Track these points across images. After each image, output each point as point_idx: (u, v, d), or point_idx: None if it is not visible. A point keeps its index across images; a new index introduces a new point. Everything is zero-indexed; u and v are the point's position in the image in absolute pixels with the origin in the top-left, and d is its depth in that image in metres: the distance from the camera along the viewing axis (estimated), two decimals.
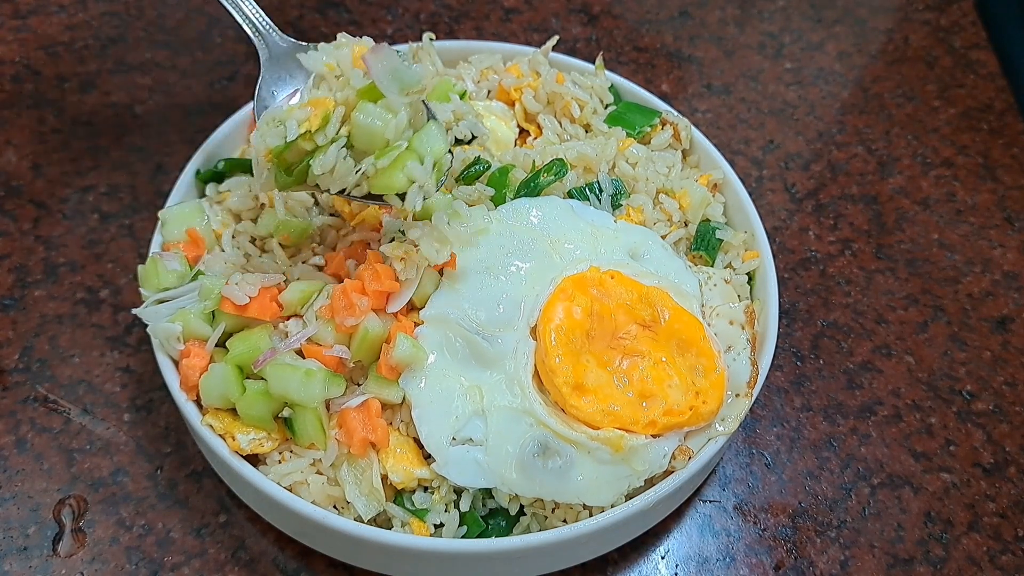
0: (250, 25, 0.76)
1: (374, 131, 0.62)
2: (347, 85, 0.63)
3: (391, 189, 0.63)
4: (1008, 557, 0.77)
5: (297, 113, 0.62)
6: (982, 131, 1.12)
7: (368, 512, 0.64)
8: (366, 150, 0.63)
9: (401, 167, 0.63)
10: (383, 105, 0.62)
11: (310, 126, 0.62)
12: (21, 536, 0.71)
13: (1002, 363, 0.90)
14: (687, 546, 0.76)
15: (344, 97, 0.63)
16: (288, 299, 0.68)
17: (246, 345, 0.66)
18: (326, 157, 0.62)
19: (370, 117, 0.62)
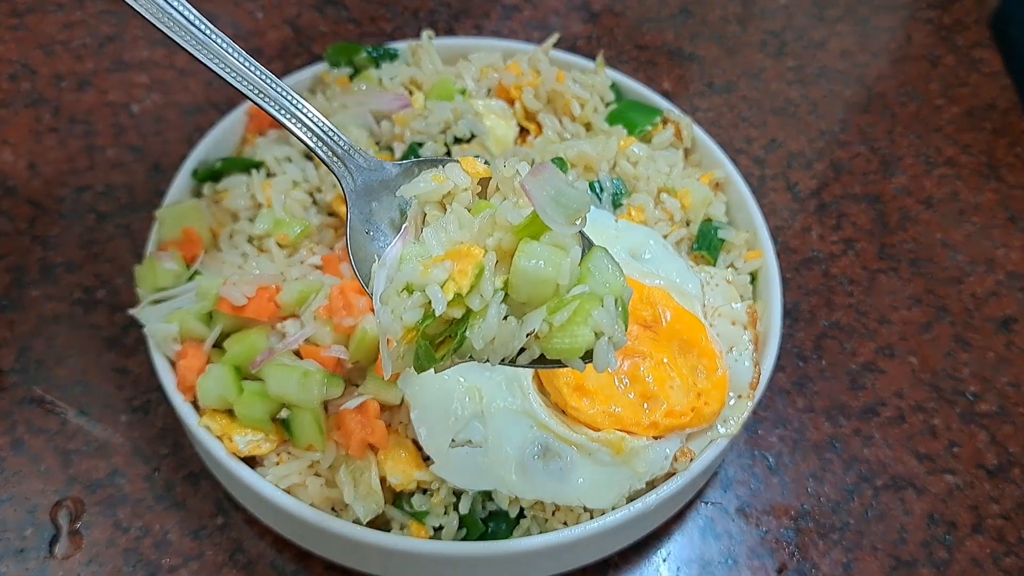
0: (325, 150, 0.57)
1: (544, 278, 0.46)
2: (493, 224, 0.48)
3: (575, 351, 0.47)
4: (1012, 559, 0.76)
5: (436, 273, 0.46)
6: (986, 130, 1.12)
7: (367, 514, 0.63)
8: (528, 302, 0.48)
9: (584, 319, 0.47)
10: (548, 241, 0.47)
11: (457, 288, 0.46)
12: (17, 538, 0.71)
13: (1006, 364, 0.89)
14: (689, 549, 0.75)
15: (494, 241, 0.48)
16: (286, 299, 0.67)
17: (243, 346, 0.66)
18: (487, 324, 0.46)
19: (538, 260, 0.46)
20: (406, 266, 0.48)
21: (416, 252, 0.49)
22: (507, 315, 0.48)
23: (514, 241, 0.48)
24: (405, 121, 0.78)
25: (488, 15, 1.20)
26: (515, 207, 0.48)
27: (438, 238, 0.49)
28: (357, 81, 0.86)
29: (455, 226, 0.49)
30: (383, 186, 0.56)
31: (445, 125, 0.78)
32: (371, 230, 0.55)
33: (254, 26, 1.14)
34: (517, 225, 0.47)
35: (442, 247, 0.49)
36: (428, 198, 0.52)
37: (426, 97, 0.84)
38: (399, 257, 0.49)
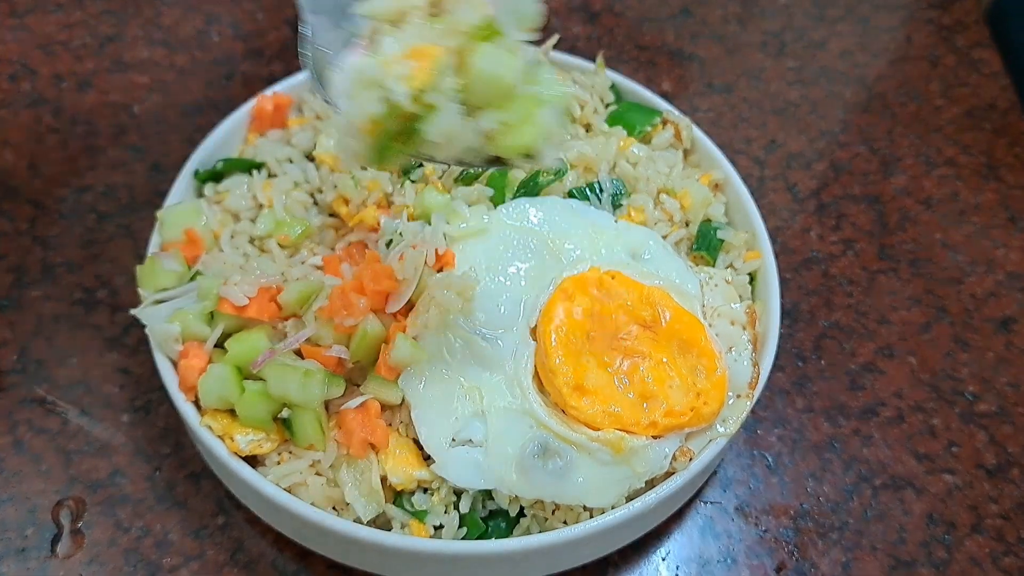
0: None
1: (498, 79, 0.51)
2: (453, 29, 0.51)
3: (520, 149, 0.53)
4: (1011, 559, 0.76)
5: (397, 68, 0.50)
6: (986, 130, 1.12)
7: (367, 513, 0.64)
8: (482, 104, 0.52)
9: (531, 120, 0.52)
10: (503, 46, 0.52)
11: (418, 84, 0.50)
12: (19, 538, 0.71)
13: (1005, 364, 0.90)
14: (688, 548, 0.75)
15: (453, 43, 0.51)
16: (286, 299, 0.68)
17: (245, 345, 0.66)
18: (444, 118, 0.50)
19: (493, 62, 0.50)
20: (366, 67, 0.51)
21: (373, 57, 0.52)
22: (466, 113, 0.51)
23: (469, 45, 0.51)
24: None
25: None
26: (470, 13, 0.51)
27: (394, 43, 0.52)
28: None
29: (414, 33, 0.52)
30: (338, 6, 0.56)
31: None
32: (329, 48, 0.56)
33: (255, 26, 1.15)
34: (473, 27, 0.51)
35: (399, 48, 0.51)
36: (382, 15, 0.53)
37: None
38: (357, 63, 0.52)
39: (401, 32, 0.53)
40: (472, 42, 0.51)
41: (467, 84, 0.51)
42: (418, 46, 0.51)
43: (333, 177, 0.76)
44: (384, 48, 0.51)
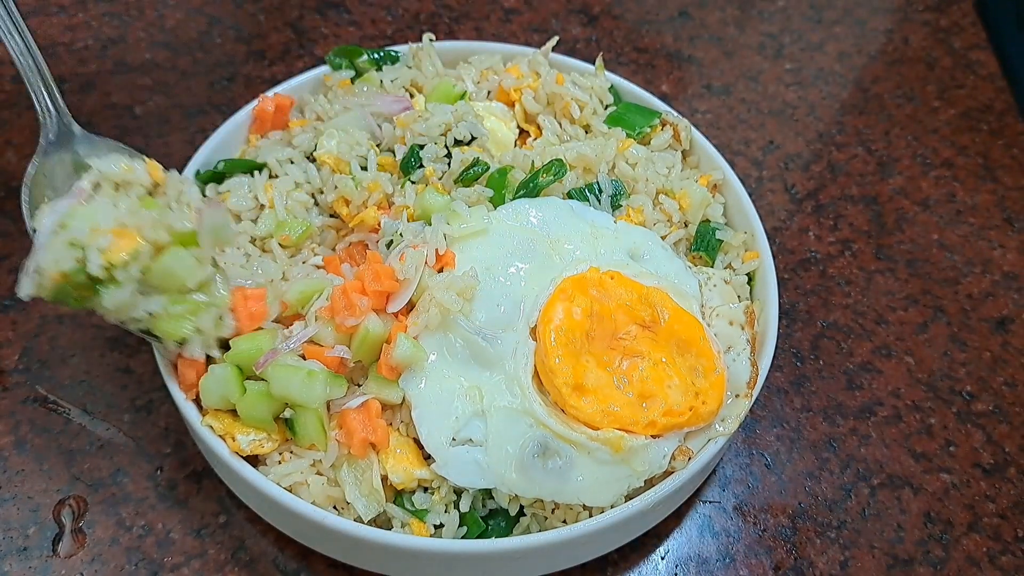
0: (42, 99, 0.70)
1: (179, 278, 0.63)
2: (160, 225, 0.62)
3: (175, 335, 0.64)
4: (1008, 558, 0.77)
5: (100, 241, 0.59)
6: (982, 132, 1.12)
7: (368, 513, 0.64)
8: (158, 288, 0.63)
9: (192, 316, 0.64)
10: (195, 255, 0.64)
11: (111, 260, 0.60)
12: (21, 536, 0.71)
13: (1002, 363, 0.90)
14: (687, 547, 0.76)
15: (154, 237, 0.62)
16: (289, 299, 0.68)
17: (251, 344, 0.66)
18: (120, 294, 0.61)
19: (182, 265, 0.63)
20: (76, 222, 0.60)
21: (85, 213, 0.61)
22: (139, 291, 0.62)
23: (169, 241, 0.63)
24: (406, 123, 0.79)
25: (488, 18, 1.21)
26: (181, 218, 0.63)
27: (108, 213, 0.61)
28: (359, 83, 0.87)
29: (126, 211, 0.62)
30: (66, 143, 0.69)
31: (446, 127, 0.79)
32: (49, 181, 0.68)
33: (256, 28, 1.15)
34: (178, 232, 0.63)
35: (111, 221, 0.61)
36: (110, 177, 0.64)
37: (427, 100, 0.84)
38: (69, 211, 0.60)
39: (118, 203, 0.63)
40: (171, 241, 0.63)
41: (152, 268, 0.62)
42: (125, 227, 0.61)
43: (334, 178, 0.76)
44: (98, 216, 0.61)
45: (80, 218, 0.60)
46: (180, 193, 0.67)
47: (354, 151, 0.79)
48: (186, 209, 0.65)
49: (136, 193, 0.64)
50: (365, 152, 0.78)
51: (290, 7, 1.19)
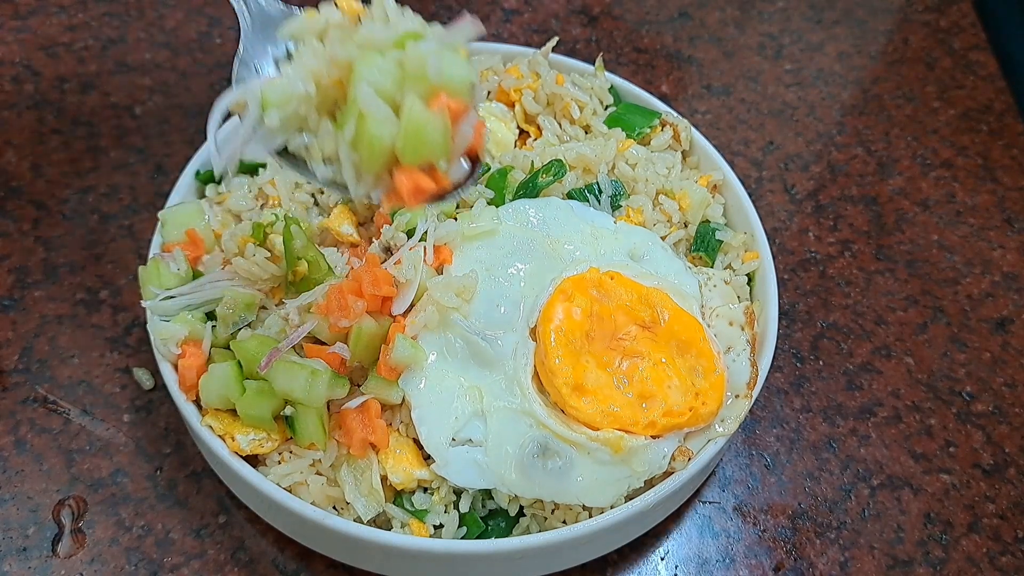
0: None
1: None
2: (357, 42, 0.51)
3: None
4: (1008, 558, 0.77)
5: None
6: (982, 132, 1.12)
7: (368, 513, 0.64)
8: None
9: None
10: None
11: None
12: (20, 537, 0.71)
13: (1002, 364, 0.90)
14: (687, 547, 0.76)
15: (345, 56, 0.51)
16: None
17: (258, 340, 0.66)
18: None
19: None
20: (266, 89, 0.53)
21: (276, 81, 0.54)
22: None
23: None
24: None
25: (488, 18, 1.21)
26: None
27: (295, 69, 0.54)
28: None
29: (309, 56, 0.54)
30: (272, 24, 0.60)
31: None
32: (257, 65, 0.60)
33: None
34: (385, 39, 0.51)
35: (298, 75, 0.53)
36: (303, 35, 0.55)
37: None
38: (264, 85, 0.54)
39: (299, 57, 0.54)
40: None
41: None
42: (317, 74, 0.52)
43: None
44: (287, 75, 0.53)
45: (271, 87, 0.53)
46: (379, 7, 0.55)
47: None
48: (393, 16, 0.53)
49: (335, 37, 0.54)
50: None
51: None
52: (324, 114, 0.53)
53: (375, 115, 0.49)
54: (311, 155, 0.54)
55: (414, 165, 0.49)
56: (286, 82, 0.52)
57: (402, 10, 0.54)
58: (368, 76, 0.50)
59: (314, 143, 0.53)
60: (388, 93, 0.50)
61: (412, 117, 0.49)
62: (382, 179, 0.51)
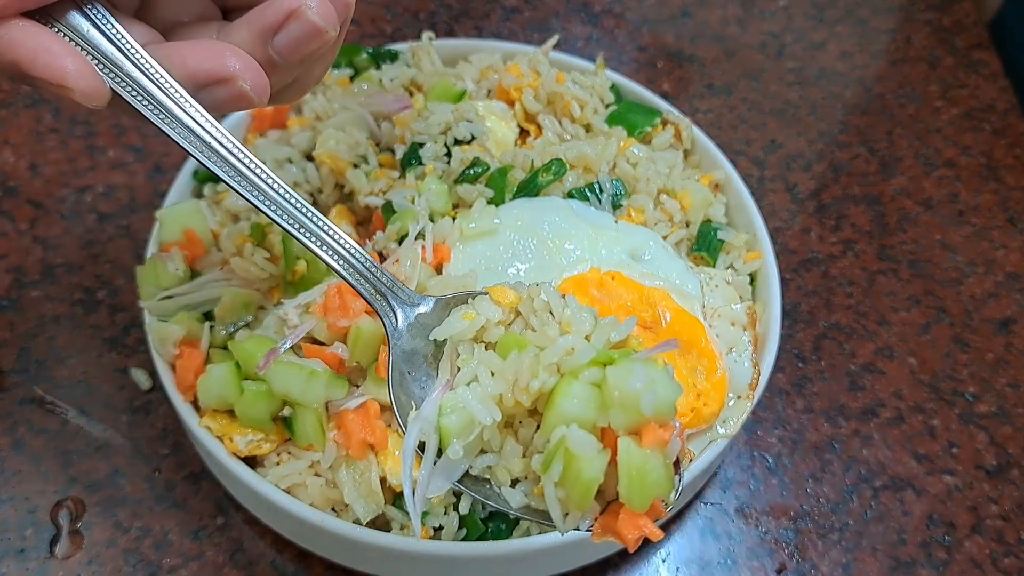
0: (367, 286, 0.54)
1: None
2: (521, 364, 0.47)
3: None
4: (1011, 560, 0.76)
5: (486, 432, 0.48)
6: (985, 131, 1.12)
7: (367, 514, 0.63)
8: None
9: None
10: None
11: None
12: (18, 538, 0.71)
13: (1005, 364, 0.90)
14: (688, 549, 0.75)
15: (539, 388, 0.47)
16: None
17: (256, 341, 0.65)
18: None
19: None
20: (445, 419, 0.48)
21: (452, 404, 0.49)
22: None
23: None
24: (405, 122, 0.79)
25: (488, 16, 1.21)
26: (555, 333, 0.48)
27: (474, 393, 0.49)
28: (357, 82, 0.86)
29: (487, 377, 0.49)
30: (419, 320, 0.54)
31: (445, 126, 0.78)
32: (411, 369, 0.53)
33: None
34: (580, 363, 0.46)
35: (478, 401, 0.48)
36: (460, 337, 0.51)
37: (426, 98, 0.84)
38: (437, 409, 0.49)
39: (474, 371, 0.49)
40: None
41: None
42: (501, 399, 0.48)
43: (333, 177, 0.76)
44: (460, 395, 0.48)
45: (447, 413, 0.48)
46: (534, 296, 0.51)
47: (353, 150, 0.78)
48: (556, 308, 0.49)
49: (493, 336, 0.50)
50: (364, 151, 0.78)
51: None
52: (506, 430, 0.49)
53: (587, 457, 0.44)
54: (496, 477, 0.49)
55: (639, 511, 0.44)
56: (465, 406, 0.48)
57: (564, 303, 0.49)
58: (570, 410, 0.45)
59: (499, 464, 0.49)
60: (589, 420, 0.45)
61: (632, 464, 0.43)
62: (591, 508, 0.46)
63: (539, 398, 0.47)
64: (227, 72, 0.48)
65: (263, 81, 0.49)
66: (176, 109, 0.49)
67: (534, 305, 0.51)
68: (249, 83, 0.48)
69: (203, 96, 0.49)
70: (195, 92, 0.49)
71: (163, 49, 0.49)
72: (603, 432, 0.45)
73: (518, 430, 0.49)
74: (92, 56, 0.47)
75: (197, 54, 0.48)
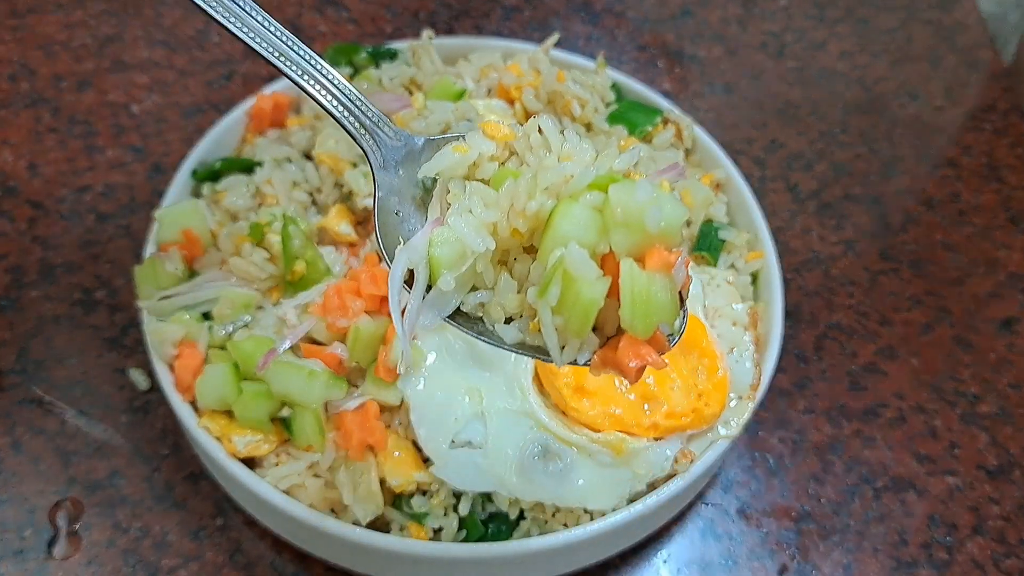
0: (352, 120, 0.51)
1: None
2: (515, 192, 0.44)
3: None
4: (1013, 561, 0.76)
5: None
6: (986, 131, 1.11)
7: (366, 516, 0.63)
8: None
9: None
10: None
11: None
12: (16, 539, 0.71)
13: (1007, 365, 0.89)
14: (689, 550, 0.75)
15: (537, 211, 0.43)
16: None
17: (255, 341, 0.65)
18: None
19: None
20: (436, 250, 0.45)
21: (443, 237, 0.45)
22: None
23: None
24: (405, 122, 0.78)
25: (488, 15, 1.20)
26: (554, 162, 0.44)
27: (467, 222, 0.45)
28: (357, 81, 0.86)
29: (480, 207, 0.45)
30: (409, 159, 0.50)
31: (445, 125, 0.78)
32: (398, 208, 0.50)
33: None
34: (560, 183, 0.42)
35: (471, 229, 0.44)
36: (452, 173, 0.47)
37: (426, 97, 0.84)
38: (427, 241, 0.45)
39: (467, 204, 0.45)
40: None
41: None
42: (494, 228, 0.44)
43: (346, 175, 0.75)
44: (454, 227, 0.45)
45: (439, 244, 0.45)
46: (530, 131, 0.47)
47: (353, 149, 0.78)
48: (554, 142, 0.45)
49: (487, 172, 0.47)
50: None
51: (289, 5, 1.18)
52: (500, 266, 0.46)
53: (587, 278, 0.41)
54: (490, 314, 0.46)
55: (641, 337, 0.41)
56: (457, 238, 0.44)
57: (561, 128, 0.46)
58: (570, 231, 0.42)
59: (492, 300, 0.46)
60: (589, 244, 0.42)
61: (636, 287, 0.41)
62: (589, 339, 0.43)
63: (536, 230, 0.43)
64: None
65: None
66: None
67: (530, 141, 0.46)
68: None
69: None
70: None
71: None
72: (603, 260, 0.42)
73: (512, 266, 0.46)
74: None
75: None
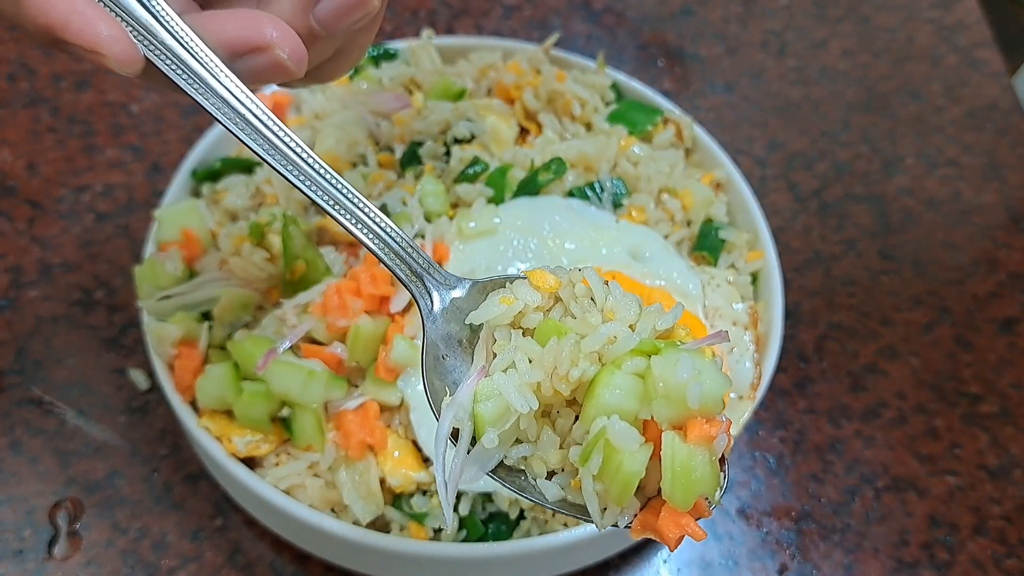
0: (403, 267, 0.50)
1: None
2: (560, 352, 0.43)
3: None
4: (1014, 561, 0.76)
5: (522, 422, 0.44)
6: (987, 131, 1.11)
7: (366, 516, 0.63)
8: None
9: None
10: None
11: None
12: (16, 539, 0.70)
13: (1008, 365, 0.89)
14: (689, 550, 0.75)
15: (579, 377, 0.44)
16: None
17: (255, 341, 0.65)
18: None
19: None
20: (480, 406, 0.45)
21: (487, 391, 0.46)
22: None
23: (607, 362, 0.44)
24: (405, 121, 0.78)
25: (488, 14, 1.20)
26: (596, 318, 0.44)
27: (510, 380, 0.45)
28: (356, 81, 0.86)
29: (524, 364, 0.45)
30: (454, 304, 0.51)
31: (445, 125, 0.78)
32: (445, 353, 0.50)
33: None
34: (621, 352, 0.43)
35: (514, 388, 0.45)
36: (498, 323, 0.48)
37: (426, 97, 0.83)
38: (472, 396, 0.46)
39: (511, 358, 0.45)
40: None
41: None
42: (539, 387, 0.44)
43: (345, 175, 0.75)
44: (497, 382, 0.45)
45: (483, 399, 0.45)
46: (576, 281, 0.47)
47: (352, 149, 0.78)
48: (598, 294, 0.45)
49: (531, 322, 0.47)
50: (363, 150, 0.78)
51: None
52: (543, 419, 0.47)
53: (628, 449, 0.42)
54: (532, 468, 0.47)
55: (682, 509, 0.42)
56: (501, 394, 0.45)
57: (607, 289, 0.46)
58: (612, 401, 0.43)
59: (534, 455, 0.46)
60: (631, 412, 0.43)
61: (677, 460, 0.41)
62: (630, 503, 0.44)
63: (579, 387, 0.45)
64: (263, 40, 0.45)
65: (301, 50, 0.46)
66: (210, 79, 0.46)
67: (575, 291, 0.47)
68: (287, 52, 0.46)
69: (239, 65, 0.46)
70: (230, 61, 0.46)
71: (199, 17, 0.47)
72: (645, 425, 0.43)
73: (555, 420, 0.47)
74: (126, 22, 0.44)
75: (233, 22, 0.46)
